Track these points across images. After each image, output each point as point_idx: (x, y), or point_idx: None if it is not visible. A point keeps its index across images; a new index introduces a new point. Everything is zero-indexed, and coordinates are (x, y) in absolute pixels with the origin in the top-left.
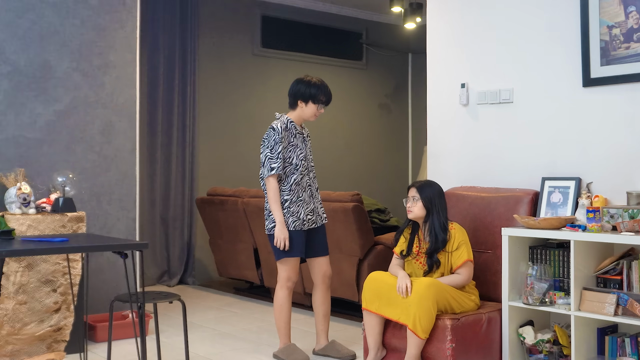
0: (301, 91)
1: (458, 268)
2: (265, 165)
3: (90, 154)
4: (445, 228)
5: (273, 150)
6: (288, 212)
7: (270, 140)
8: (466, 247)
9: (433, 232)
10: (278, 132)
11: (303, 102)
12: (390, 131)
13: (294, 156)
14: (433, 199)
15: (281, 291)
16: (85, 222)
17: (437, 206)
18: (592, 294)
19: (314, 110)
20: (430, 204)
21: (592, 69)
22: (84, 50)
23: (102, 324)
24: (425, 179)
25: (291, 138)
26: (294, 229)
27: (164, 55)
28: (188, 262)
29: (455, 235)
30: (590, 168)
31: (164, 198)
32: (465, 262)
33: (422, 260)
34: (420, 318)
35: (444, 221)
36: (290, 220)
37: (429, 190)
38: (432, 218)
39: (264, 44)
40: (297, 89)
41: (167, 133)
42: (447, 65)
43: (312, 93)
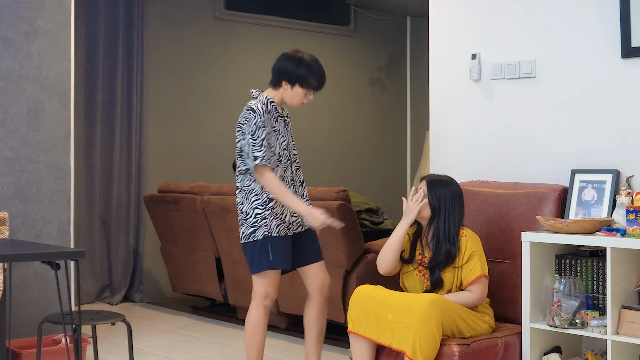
0: (288, 70)
1: (470, 284)
2: (249, 155)
3: (14, 141)
4: (453, 239)
5: (255, 137)
6: (271, 214)
7: (251, 124)
8: (480, 260)
9: (436, 240)
10: (260, 114)
11: (288, 83)
12: (384, 113)
13: (277, 144)
14: (444, 200)
15: (256, 311)
16: (8, 225)
17: (447, 210)
18: (634, 313)
19: (300, 95)
20: (438, 204)
21: (633, 36)
22: (5, 12)
23: (28, 350)
24: (444, 175)
25: (273, 122)
26: (278, 234)
27: (104, 19)
28: (134, 274)
29: (466, 244)
30: (630, 159)
31: (104, 195)
32: (479, 278)
33: (426, 275)
34: (421, 343)
35: (454, 230)
36: (274, 224)
37: (441, 188)
38: (438, 222)
39: (227, 5)
40: (283, 66)
41: (108, 115)
42: (454, 31)
43: (301, 74)
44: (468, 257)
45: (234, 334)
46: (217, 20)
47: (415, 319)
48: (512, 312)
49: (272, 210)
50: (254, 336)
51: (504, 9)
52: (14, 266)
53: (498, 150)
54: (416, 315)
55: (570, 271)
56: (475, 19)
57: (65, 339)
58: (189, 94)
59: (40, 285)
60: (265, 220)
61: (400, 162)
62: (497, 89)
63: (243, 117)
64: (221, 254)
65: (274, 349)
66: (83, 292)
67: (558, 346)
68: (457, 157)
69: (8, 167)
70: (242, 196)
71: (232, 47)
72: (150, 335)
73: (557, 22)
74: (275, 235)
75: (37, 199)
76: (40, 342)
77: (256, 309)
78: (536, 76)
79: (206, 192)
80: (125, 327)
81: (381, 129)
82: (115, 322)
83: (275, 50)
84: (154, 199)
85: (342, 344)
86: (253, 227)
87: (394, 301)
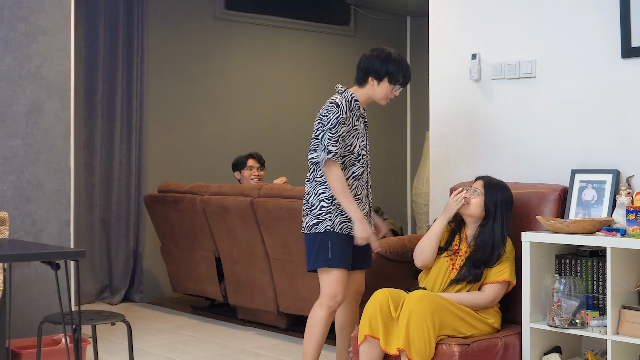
0: (375, 67)
1: (488, 284)
2: (324, 147)
3: (14, 141)
4: (504, 241)
5: (334, 131)
6: (336, 210)
7: (332, 118)
8: (510, 266)
9: (489, 241)
10: (343, 110)
11: (375, 79)
12: (383, 113)
13: (357, 143)
14: (500, 204)
15: (319, 310)
16: (8, 225)
17: (502, 214)
18: (634, 313)
19: (387, 91)
20: (494, 207)
21: (633, 36)
22: (5, 12)
23: (28, 350)
24: (500, 180)
25: (355, 121)
26: (340, 231)
27: (104, 19)
28: (134, 274)
29: (506, 252)
30: (630, 159)
31: (104, 195)
32: (503, 282)
33: (455, 264)
34: (413, 337)
35: (505, 233)
36: (337, 220)
37: (499, 193)
38: (494, 225)
39: (227, 5)
40: (370, 64)
41: (108, 115)
42: (454, 31)
43: (390, 70)
44: (501, 260)
45: (234, 334)
46: (217, 20)
47: (405, 314)
48: (512, 312)
49: (337, 207)
50: (311, 334)
51: (504, 9)
52: (14, 266)
53: (498, 150)
54: (406, 310)
55: (570, 271)
56: (475, 19)
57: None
58: (189, 94)
59: (40, 285)
60: (330, 215)
61: (400, 162)
62: (497, 89)
63: (325, 109)
64: (221, 254)
65: (274, 349)
66: (83, 292)
67: (558, 346)
68: (457, 157)
69: (8, 167)
70: (310, 187)
71: (232, 47)
72: (150, 335)
73: (557, 22)
74: (337, 232)
75: (37, 199)
76: (40, 342)
77: (320, 307)
78: (536, 76)
79: (206, 192)
80: (125, 327)
81: (380, 130)
82: (115, 322)
83: (275, 50)
84: (154, 199)
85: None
86: (317, 219)
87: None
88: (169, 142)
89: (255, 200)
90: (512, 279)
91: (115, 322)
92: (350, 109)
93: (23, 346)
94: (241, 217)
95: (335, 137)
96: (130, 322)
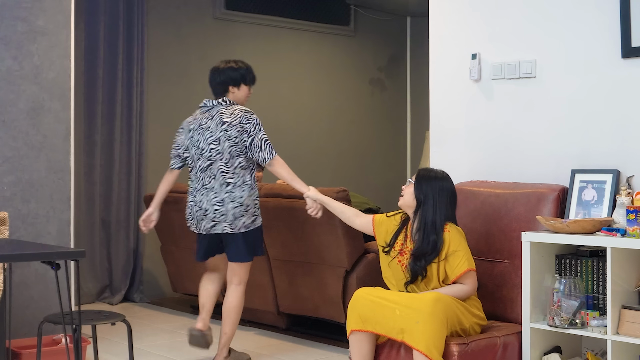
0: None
1: (459, 278)
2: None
3: (14, 141)
4: (438, 228)
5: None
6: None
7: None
8: (465, 254)
9: (422, 229)
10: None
11: (235, 87)
12: (384, 113)
13: None
14: (431, 192)
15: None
16: (8, 225)
17: (435, 201)
18: (634, 313)
19: (246, 92)
20: (423, 196)
21: (633, 36)
22: (5, 12)
23: (28, 350)
24: (439, 170)
25: None
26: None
27: (105, 19)
28: (134, 274)
29: (450, 239)
30: (630, 159)
31: (104, 195)
32: (468, 272)
33: (405, 263)
34: (435, 339)
35: (439, 220)
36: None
37: (432, 182)
38: (423, 212)
39: (227, 5)
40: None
41: (108, 115)
42: (454, 31)
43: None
44: (453, 251)
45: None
46: (217, 20)
47: (423, 315)
48: (512, 312)
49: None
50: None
51: (504, 9)
52: (14, 266)
53: (498, 150)
54: (423, 311)
55: (570, 271)
56: (475, 19)
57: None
58: (189, 94)
59: (40, 285)
60: (258, 210)
61: (400, 162)
62: (497, 89)
63: (244, 117)
64: None
65: (274, 349)
66: (83, 292)
67: (558, 346)
68: (457, 157)
69: (8, 167)
70: (241, 191)
71: (232, 47)
72: (150, 335)
73: (558, 22)
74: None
75: (37, 199)
76: (40, 342)
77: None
78: (536, 76)
79: None
80: (125, 327)
81: (381, 129)
82: (115, 322)
83: (275, 50)
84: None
85: (342, 344)
86: (254, 215)
87: (398, 298)
88: (169, 142)
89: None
90: (472, 265)
91: (115, 322)
92: None
93: (23, 346)
94: None
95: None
96: (130, 322)
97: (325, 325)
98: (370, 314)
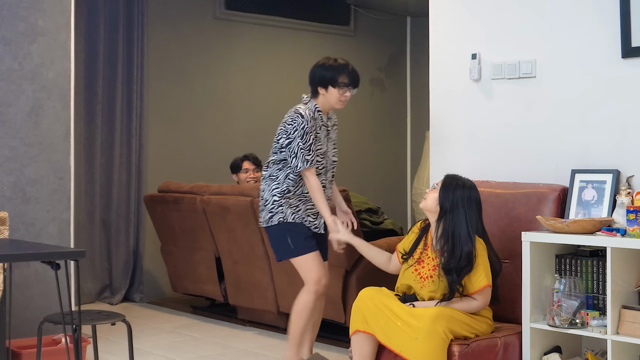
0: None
1: (475, 293)
2: (299, 157)
3: (14, 141)
4: (470, 242)
5: (304, 140)
6: (287, 203)
7: (299, 128)
8: (485, 269)
9: (451, 240)
10: (307, 120)
11: (323, 88)
12: (384, 113)
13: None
14: (458, 202)
15: (307, 295)
16: (8, 225)
17: (465, 213)
18: (634, 313)
19: (337, 95)
20: (449, 204)
21: (633, 36)
22: (5, 12)
23: (28, 350)
24: (466, 179)
25: (317, 129)
26: (293, 220)
27: (104, 19)
28: (134, 274)
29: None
30: (630, 158)
31: (104, 195)
32: (485, 288)
33: (422, 273)
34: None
35: (472, 231)
36: (289, 212)
37: (458, 190)
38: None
39: (227, 5)
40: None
41: (108, 115)
42: (454, 31)
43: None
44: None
45: (234, 334)
46: (217, 20)
47: (422, 332)
48: (512, 312)
49: (287, 200)
50: (299, 317)
51: (504, 9)
52: (14, 266)
53: (498, 150)
54: (422, 329)
55: (570, 271)
56: (475, 18)
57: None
58: (189, 94)
59: (40, 285)
60: (281, 208)
61: (400, 162)
62: (497, 89)
63: (290, 117)
64: (221, 254)
65: (274, 349)
66: (83, 292)
67: (558, 346)
68: (457, 157)
69: (8, 167)
70: (265, 184)
71: (232, 47)
72: (150, 335)
73: (558, 22)
74: (290, 222)
75: (37, 199)
76: (40, 342)
77: (307, 294)
78: (536, 76)
79: (206, 192)
80: (125, 327)
81: (381, 129)
82: (115, 322)
83: (275, 50)
84: (154, 199)
85: (342, 344)
86: (270, 212)
87: (400, 311)
88: (169, 142)
89: (255, 200)
90: (489, 282)
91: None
92: (313, 117)
93: (23, 346)
94: (241, 217)
95: (307, 147)
96: (130, 322)
97: (325, 325)
98: (373, 319)
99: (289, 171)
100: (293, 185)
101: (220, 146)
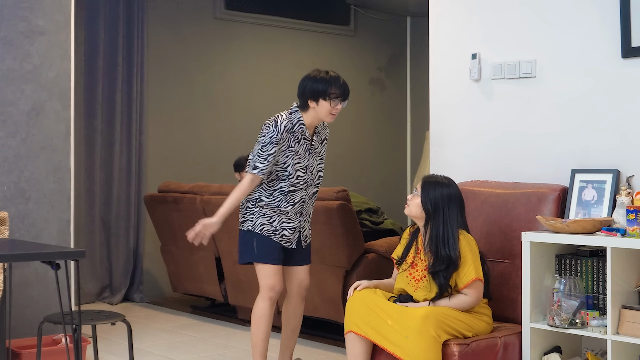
0: (307, 89)
1: (464, 288)
2: (252, 160)
3: (14, 141)
4: (453, 243)
5: (265, 149)
6: (259, 212)
7: (267, 135)
8: (473, 263)
9: (434, 244)
10: (279, 131)
11: (313, 100)
12: (384, 113)
13: (290, 163)
14: (441, 203)
15: (262, 302)
16: (8, 225)
17: (443, 213)
18: (634, 313)
19: (327, 108)
20: (432, 207)
21: (633, 36)
22: (5, 12)
23: (28, 350)
24: (443, 176)
25: (292, 143)
26: (260, 232)
27: (104, 19)
28: (134, 274)
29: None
30: (630, 158)
31: (105, 195)
32: (473, 282)
33: (416, 276)
34: (425, 355)
35: (452, 234)
36: (258, 222)
37: (437, 189)
38: (433, 225)
39: (227, 5)
40: (302, 86)
41: (108, 115)
42: (454, 31)
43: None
44: (462, 260)
45: (234, 334)
46: (217, 20)
47: (412, 331)
48: (512, 312)
49: (261, 209)
50: (258, 326)
51: (504, 9)
52: (14, 266)
53: (498, 150)
54: (412, 328)
55: (570, 271)
56: (475, 18)
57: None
58: (189, 94)
59: (40, 285)
60: (252, 216)
61: (400, 162)
62: (497, 89)
63: (267, 122)
64: (221, 254)
65: (274, 349)
66: (83, 292)
67: (558, 346)
68: (457, 157)
69: (8, 167)
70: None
71: (232, 47)
72: (150, 335)
73: (558, 22)
74: (257, 232)
75: (37, 199)
76: (40, 342)
77: (262, 300)
78: (536, 76)
79: (206, 192)
80: (125, 327)
81: (381, 129)
82: (115, 322)
83: (275, 50)
84: (154, 199)
85: (342, 343)
86: (243, 218)
87: (390, 310)
88: (169, 142)
89: None
90: (479, 275)
91: (115, 322)
92: (290, 130)
93: (23, 346)
94: None
95: (264, 155)
96: (130, 322)
97: (326, 325)
98: (365, 320)
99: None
100: (266, 195)
101: (220, 146)
